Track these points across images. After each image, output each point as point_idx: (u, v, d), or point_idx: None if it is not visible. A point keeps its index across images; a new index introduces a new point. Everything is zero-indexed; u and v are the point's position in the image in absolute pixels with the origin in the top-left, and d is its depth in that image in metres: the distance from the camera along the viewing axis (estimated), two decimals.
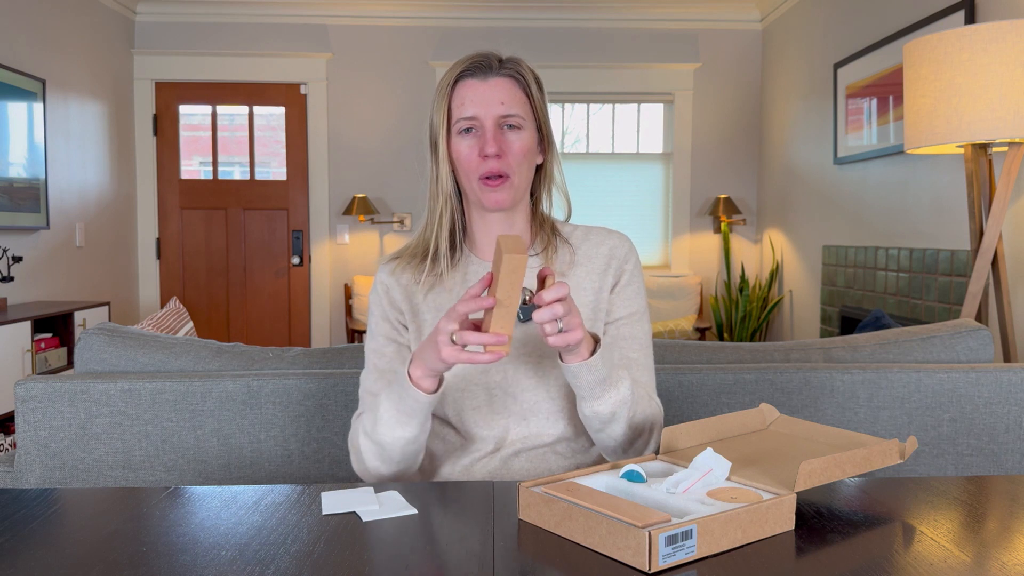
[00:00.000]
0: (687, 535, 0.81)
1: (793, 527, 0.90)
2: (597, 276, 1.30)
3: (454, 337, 1.06)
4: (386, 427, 1.18)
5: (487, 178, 1.22)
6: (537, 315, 1.06)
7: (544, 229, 1.32)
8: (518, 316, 1.26)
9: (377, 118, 5.54)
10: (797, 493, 0.94)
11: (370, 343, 1.32)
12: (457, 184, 1.28)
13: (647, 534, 0.78)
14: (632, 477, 0.98)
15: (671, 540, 0.79)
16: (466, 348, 1.07)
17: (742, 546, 0.85)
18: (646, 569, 0.79)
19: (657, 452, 1.19)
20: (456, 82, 1.25)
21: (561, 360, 1.15)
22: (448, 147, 1.25)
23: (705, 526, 0.82)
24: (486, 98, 1.23)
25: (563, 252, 1.31)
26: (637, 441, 1.23)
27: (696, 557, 0.82)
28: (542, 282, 1.09)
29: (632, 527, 0.80)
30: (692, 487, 0.94)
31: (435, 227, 1.28)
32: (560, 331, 1.07)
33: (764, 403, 1.21)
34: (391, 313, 1.30)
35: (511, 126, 1.23)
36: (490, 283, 1.06)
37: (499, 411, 1.26)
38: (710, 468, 0.95)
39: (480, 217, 1.30)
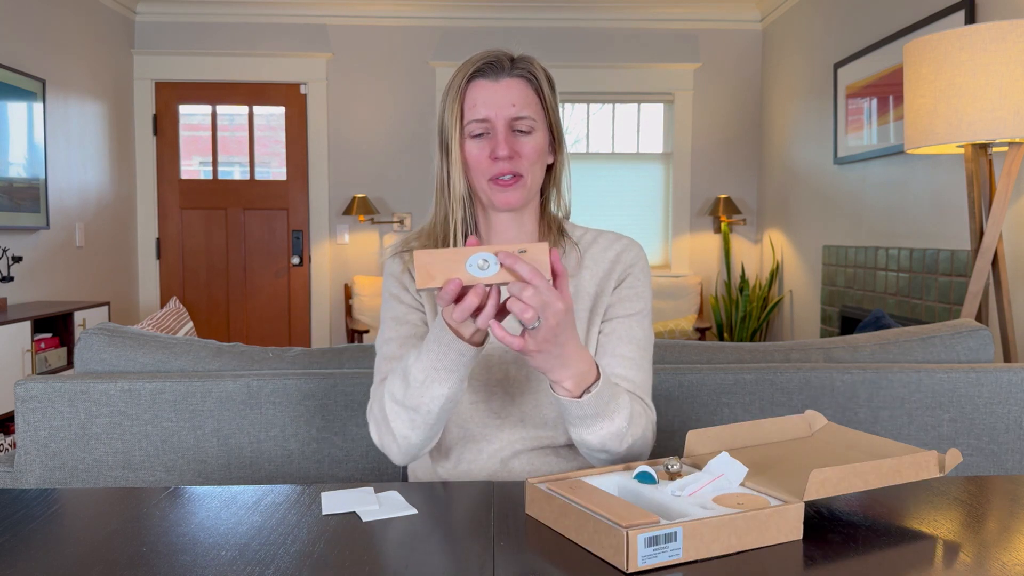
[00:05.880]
0: (671, 537, 0.80)
1: (801, 536, 0.88)
2: (600, 280, 1.28)
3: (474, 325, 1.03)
4: (421, 388, 1.11)
5: (498, 178, 1.21)
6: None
7: (552, 230, 1.31)
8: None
9: (377, 118, 5.53)
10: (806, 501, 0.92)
11: (389, 313, 1.27)
12: (467, 183, 1.26)
13: (625, 534, 0.79)
14: (644, 478, 0.97)
15: (652, 541, 0.79)
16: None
17: (738, 552, 0.84)
18: (624, 569, 0.79)
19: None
20: (468, 83, 1.23)
21: (552, 389, 1.10)
22: (461, 149, 1.23)
23: (692, 529, 0.81)
24: (498, 100, 1.20)
25: (571, 254, 1.29)
26: (627, 456, 1.17)
27: (682, 560, 0.81)
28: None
29: (614, 526, 0.81)
30: (699, 491, 0.93)
31: (450, 229, 1.26)
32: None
33: (809, 409, 1.17)
34: (406, 296, 1.28)
35: (522, 130, 1.21)
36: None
37: (500, 414, 1.25)
38: (722, 472, 0.94)
39: (488, 217, 1.29)
